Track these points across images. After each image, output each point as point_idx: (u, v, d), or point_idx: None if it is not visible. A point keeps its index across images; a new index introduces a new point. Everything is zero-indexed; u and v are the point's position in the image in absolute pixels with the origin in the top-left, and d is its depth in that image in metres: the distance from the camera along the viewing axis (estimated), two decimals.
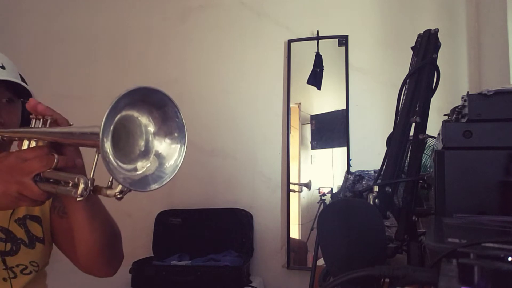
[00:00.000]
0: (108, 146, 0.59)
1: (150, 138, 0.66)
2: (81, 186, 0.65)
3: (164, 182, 0.64)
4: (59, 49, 2.55)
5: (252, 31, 2.34)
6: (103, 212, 0.94)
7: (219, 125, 2.33)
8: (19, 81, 0.93)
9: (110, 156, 0.59)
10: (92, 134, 0.63)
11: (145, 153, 0.66)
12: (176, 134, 0.65)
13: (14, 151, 0.79)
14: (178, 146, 0.66)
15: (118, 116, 0.60)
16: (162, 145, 0.66)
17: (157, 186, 0.64)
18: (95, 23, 2.53)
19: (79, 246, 0.94)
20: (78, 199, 0.66)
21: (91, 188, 0.66)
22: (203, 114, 2.31)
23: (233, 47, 2.36)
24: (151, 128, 0.66)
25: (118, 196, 0.64)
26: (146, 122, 0.65)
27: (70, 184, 0.68)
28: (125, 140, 0.65)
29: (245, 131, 2.30)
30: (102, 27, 2.52)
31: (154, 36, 2.47)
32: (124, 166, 0.63)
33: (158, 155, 0.66)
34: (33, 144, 0.77)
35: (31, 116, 0.80)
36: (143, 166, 0.65)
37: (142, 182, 0.63)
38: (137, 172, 0.64)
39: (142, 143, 0.66)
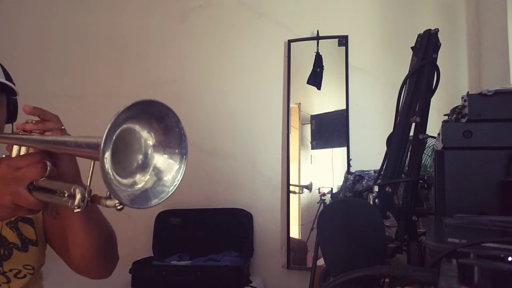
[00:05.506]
0: (108, 164, 0.55)
1: (150, 151, 0.63)
2: (78, 197, 0.61)
3: (166, 196, 0.61)
4: (57, 49, 2.54)
5: (252, 31, 2.34)
6: (97, 215, 0.93)
7: (219, 125, 2.33)
8: (2, 79, 0.91)
9: (110, 173, 0.56)
10: (88, 146, 0.60)
11: (144, 166, 0.62)
12: (176, 147, 0.62)
13: (4, 156, 0.76)
14: (179, 157, 0.62)
15: (118, 131, 0.57)
16: (161, 158, 0.63)
17: (157, 201, 0.61)
18: (94, 23, 2.53)
19: (74, 249, 0.93)
20: (75, 210, 0.62)
21: (89, 199, 0.63)
22: (203, 114, 2.31)
23: (233, 47, 2.35)
24: (151, 141, 0.62)
25: (118, 207, 0.61)
26: (146, 135, 0.62)
27: (66, 195, 0.64)
28: (123, 153, 0.61)
29: (245, 131, 2.30)
30: (101, 27, 2.52)
31: (154, 36, 2.47)
32: (124, 181, 0.60)
33: (157, 169, 0.62)
34: (23, 150, 0.74)
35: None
36: (142, 180, 0.62)
37: (142, 198, 0.60)
38: (137, 187, 0.61)
39: (141, 156, 0.62)
